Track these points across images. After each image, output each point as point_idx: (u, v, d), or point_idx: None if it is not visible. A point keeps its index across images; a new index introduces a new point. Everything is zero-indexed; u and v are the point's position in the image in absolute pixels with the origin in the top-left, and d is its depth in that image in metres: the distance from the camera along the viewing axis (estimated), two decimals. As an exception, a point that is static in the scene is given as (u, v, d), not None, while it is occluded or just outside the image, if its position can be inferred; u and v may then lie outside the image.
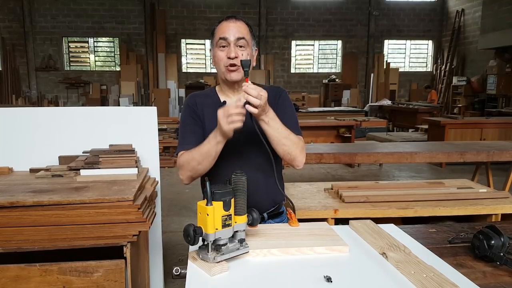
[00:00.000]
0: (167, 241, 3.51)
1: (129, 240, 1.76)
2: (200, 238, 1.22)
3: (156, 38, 12.94)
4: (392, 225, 1.66)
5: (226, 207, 1.20)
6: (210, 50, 1.65)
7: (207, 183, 1.19)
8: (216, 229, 1.19)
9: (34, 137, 2.38)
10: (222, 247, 1.23)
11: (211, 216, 1.18)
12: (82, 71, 13.63)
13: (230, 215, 1.21)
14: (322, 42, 14.35)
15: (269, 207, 1.71)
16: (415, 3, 14.08)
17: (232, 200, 1.22)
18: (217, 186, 1.22)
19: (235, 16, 1.60)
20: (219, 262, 1.21)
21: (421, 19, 14.22)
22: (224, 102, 1.63)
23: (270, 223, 1.70)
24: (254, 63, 1.62)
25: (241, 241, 1.28)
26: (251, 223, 1.32)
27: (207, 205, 1.18)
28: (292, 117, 1.69)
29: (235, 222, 1.25)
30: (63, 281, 1.72)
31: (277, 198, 1.75)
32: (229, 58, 1.54)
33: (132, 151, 2.23)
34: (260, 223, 1.64)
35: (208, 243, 1.21)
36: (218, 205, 1.18)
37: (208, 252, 1.22)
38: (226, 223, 1.21)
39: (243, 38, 1.55)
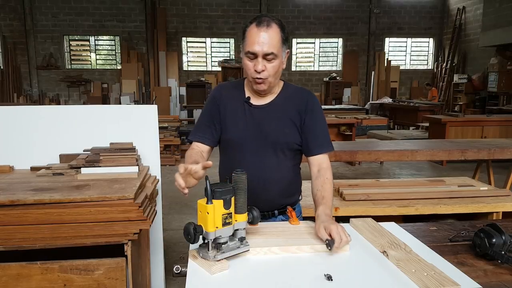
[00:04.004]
0: (168, 239, 3.52)
1: (130, 238, 1.76)
2: (201, 237, 1.22)
3: (157, 36, 12.93)
4: (393, 223, 1.66)
5: (226, 205, 1.19)
6: (240, 46, 1.62)
7: (207, 182, 1.19)
8: (216, 227, 1.19)
9: (35, 136, 2.38)
10: (223, 246, 1.23)
11: (211, 215, 1.18)
12: (83, 69, 13.63)
13: (231, 213, 1.21)
14: (323, 40, 14.32)
15: (281, 204, 1.71)
16: (416, 1, 14.04)
17: (233, 198, 1.22)
18: (218, 184, 1.22)
19: (268, 19, 1.50)
20: (219, 260, 1.21)
21: (422, 17, 14.18)
22: (248, 98, 1.64)
23: (281, 218, 1.71)
24: (284, 65, 1.59)
25: (242, 239, 1.28)
26: (251, 221, 1.32)
27: (207, 203, 1.18)
28: (323, 128, 1.68)
29: (236, 221, 1.25)
30: (64, 279, 1.72)
31: (291, 198, 1.75)
32: (255, 71, 1.52)
33: (132, 149, 2.23)
34: (270, 218, 1.66)
35: (208, 242, 1.21)
36: (218, 203, 1.18)
37: (208, 250, 1.21)
38: (227, 222, 1.21)
39: (271, 53, 1.48)
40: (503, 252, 1.29)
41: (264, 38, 1.47)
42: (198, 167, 1.25)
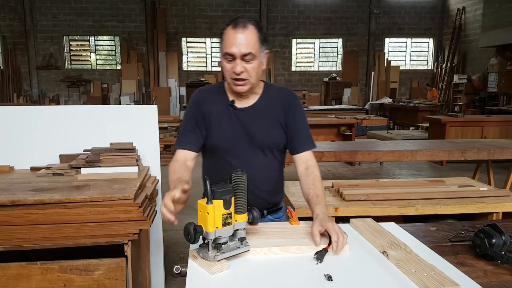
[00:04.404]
0: (168, 239, 3.52)
1: (130, 238, 1.76)
2: (201, 237, 1.22)
3: (157, 36, 12.93)
4: (392, 223, 1.66)
5: (227, 205, 1.19)
6: (220, 51, 1.62)
7: (207, 182, 1.19)
8: (217, 227, 1.19)
9: (35, 136, 2.38)
10: (223, 246, 1.23)
11: (212, 215, 1.18)
12: (83, 69, 13.62)
13: (231, 213, 1.21)
14: (323, 40, 14.32)
15: (270, 204, 1.73)
16: (416, 1, 14.03)
17: (233, 198, 1.22)
18: (218, 184, 1.22)
19: (244, 20, 1.51)
20: (219, 260, 1.21)
21: (422, 17, 14.18)
22: (233, 101, 1.63)
23: (269, 218, 1.72)
24: (264, 66, 1.59)
25: (242, 239, 1.28)
26: (251, 222, 1.31)
27: (207, 203, 1.18)
28: (305, 127, 1.70)
29: (236, 221, 1.25)
30: (64, 279, 1.72)
31: (278, 196, 1.78)
32: (234, 72, 1.51)
33: (132, 149, 2.23)
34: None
35: (208, 242, 1.21)
36: (218, 203, 1.18)
37: (208, 250, 1.21)
38: (227, 222, 1.21)
39: (249, 53, 1.49)
40: (503, 253, 1.29)
41: (241, 39, 1.47)
42: (178, 194, 1.22)
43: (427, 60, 14.87)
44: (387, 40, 14.40)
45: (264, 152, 1.64)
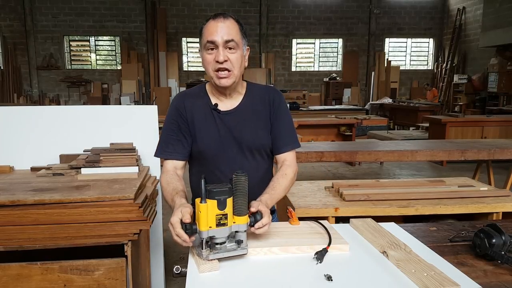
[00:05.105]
0: (168, 239, 3.51)
1: (130, 238, 1.76)
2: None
3: (157, 36, 12.94)
4: (392, 223, 1.66)
5: (221, 206, 1.19)
6: (199, 50, 1.57)
7: (202, 181, 1.18)
8: (210, 227, 1.19)
9: (35, 136, 2.38)
10: (217, 246, 1.22)
11: (204, 214, 1.17)
12: (83, 69, 13.64)
13: (226, 214, 1.20)
14: (323, 40, 14.32)
15: None
16: (416, 1, 14.04)
17: (230, 199, 1.21)
18: (214, 184, 1.22)
19: (223, 13, 1.50)
20: (211, 260, 1.20)
21: (422, 17, 14.19)
22: (216, 105, 1.59)
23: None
24: (246, 63, 1.57)
25: (239, 242, 1.25)
26: (253, 225, 1.29)
27: (201, 202, 1.18)
28: (288, 126, 1.67)
29: (234, 222, 1.24)
30: (64, 279, 1.72)
31: None
32: (217, 62, 1.48)
33: (133, 149, 2.23)
34: None
35: (202, 240, 1.21)
36: (211, 203, 1.18)
37: (202, 249, 1.21)
38: (221, 222, 1.20)
39: (232, 40, 1.46)
40: (503, 253, 1.29)
41: (222, 27, 1.46)
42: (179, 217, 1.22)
43: (427, 60, 14.87)
44: (387, 40, 14.40)
45: (253, 155, 1.61)
